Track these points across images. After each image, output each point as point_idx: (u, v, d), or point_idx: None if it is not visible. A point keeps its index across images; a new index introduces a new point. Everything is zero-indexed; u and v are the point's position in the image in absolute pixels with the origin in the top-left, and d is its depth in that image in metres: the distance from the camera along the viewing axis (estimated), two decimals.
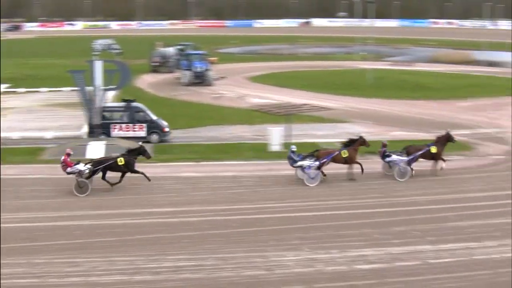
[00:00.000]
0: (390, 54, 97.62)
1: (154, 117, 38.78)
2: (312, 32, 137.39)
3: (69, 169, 27.89)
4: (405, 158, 30.62)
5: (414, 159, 30.88)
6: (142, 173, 28.78)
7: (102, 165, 28.39)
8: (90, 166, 28.07)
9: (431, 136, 35.70)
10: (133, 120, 38.13)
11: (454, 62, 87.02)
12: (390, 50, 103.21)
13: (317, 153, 30.30)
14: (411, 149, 31.13)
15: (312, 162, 29.66)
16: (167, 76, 68.44)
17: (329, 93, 57.29)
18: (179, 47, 75.47)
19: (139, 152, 29.47)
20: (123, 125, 38.02)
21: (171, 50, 75.08)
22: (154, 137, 38.10)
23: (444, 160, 31.54)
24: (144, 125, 38.12)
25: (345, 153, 30.42)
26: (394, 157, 30.64)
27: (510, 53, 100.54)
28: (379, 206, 26.65)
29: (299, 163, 29.73)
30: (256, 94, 56.98)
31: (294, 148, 30.19)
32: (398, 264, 20.68)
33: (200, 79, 62.77)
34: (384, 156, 30.87)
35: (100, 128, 37.38)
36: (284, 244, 22.21)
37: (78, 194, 27.47)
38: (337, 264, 20.60)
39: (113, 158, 29.02)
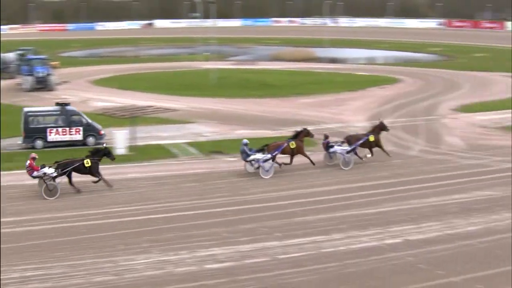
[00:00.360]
0: (233, 53, 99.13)
1: (89, 120, 38.63)
2: (155, 34, 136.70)
3: (35, 173, 28.07)
4: (347, 148, 32.97)
5: (356, 148, 33.27)
6: (103, 178, 29.13)
7: (69, 167, 28.45)
8: (56, 169, 28.18)
9: (276, 133, 36.56)
10: (69, 124, 37.98)
11: (296, 59, 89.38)
12: (233, 50, 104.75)
13: (268, 146, 31.93)
14: (352, 139, 33.50)
15: (264, 156, 31.22)
16: (8, 83, 65.73)
17: (174, 94, 57.38)
18: (19, 52, 73.09)
19: (104, 154, 29.73)
20: (60, 129, 37.81)
21: (11, 55, 72.45)
22: (91, 140, 38.05)
23: (382, 148, 34.34)
24: (81, 128, 38.07)
25: (292, 145, 32.54)
26: (336, 148, 33.01)
27: (351, 49, 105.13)
28: (227, 204, 26.94)
29: (252, 156, 31.19)
30: (100, 98, 56.09)
31: (246, 142, 31.62)
32: (248, 261, 20.93)
33: (42, 84, 60.98)
34: (327, 147, 33.13)
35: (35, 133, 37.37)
36: (133, 248, 21.96)
37: (47, 197, 27.48)
38: (187, 265, 20.58)
39: (79, 160, 28.97)
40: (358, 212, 25.72)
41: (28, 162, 28.39)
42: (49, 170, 28.19)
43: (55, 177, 28.11)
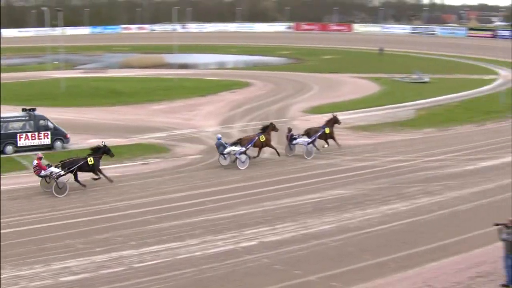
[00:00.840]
0: (83, 62, 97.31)
1: (56, 125, 39.65)
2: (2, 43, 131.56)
3: (43, 172, 29.69)
4: (308, 140, 36.71)
5: (315, 140, 37.09)
6: (104, 175, 31.02)
7: (75, 166, 30.15)
8: (63, 168, 29.85)
9: (128, 141, 36.13)
10: (38, 129, 38.78)
11: (146, 66, 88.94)
12: (83, 58, 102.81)
13: (241, 140, 35.15)
14: (311, 132, 37.42)
15: (240, 148, 34.25)
16: None
17: (22, 105, 55.16)
18: None
19: (104, 151, 31.65)
20: (29, 134, 38.51)
21: None
22: (58, 143, 39.20)
23: (334, 139, 38.22)
24: (48, 132, 38.99)
25: (262, 138, 35.86)
26: (299, 139, 36.75)
27: (201, 55, 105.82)
28: (81, 215, 26.43)
29: (229, 149, 34.17)
30: None
31: (220, 136, 34.72)
32: (104, 271, 20.61)
33: None
34: (291, 139, 36.79)
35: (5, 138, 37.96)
36: None
37: (58, 195, 28.92)
38: (42, 279, 20.04)
39: (83, 158, 30.85)
40: (212, 217, 25.89)
41: (36, 162, 30.02)
42: (56, 169, 29.80)
43: (62, 175, 29.70)
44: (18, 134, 38.31)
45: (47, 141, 38.87)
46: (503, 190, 29.64)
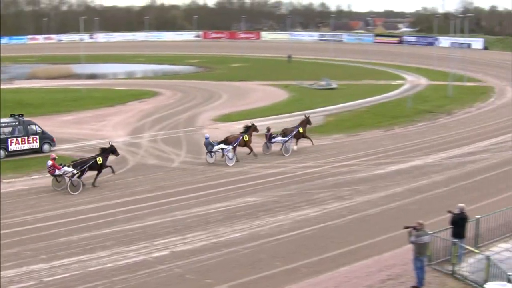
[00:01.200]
0: None
1: (43, 129, 41.07)
2: None
3: (57, 171, 31.71)
4: (285, 138, 40.05)
5: (291, 138, 40.41)
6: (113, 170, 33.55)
7: (86, 165, 32.39)
8: (75, 167, 31.98)
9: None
10: (27, 133, 39.96)
11: (53, 77, 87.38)
12: None
13: (227, 139, 38.18)
14: (287, 131, 40.82)
15: (227, 146, 37.38)
16: None
17: None
18: None
19: (111, 151, 33.89)
20: (19, 138, 39.72)
21: None
22: (46, 147, 40.57)
23: (310, 138, 41.64)
24: (37, 136, 40.31)
25: (246, 138, 38.95)
26: (278, 138, 40.27)
27: (110, 64, 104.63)
28: None
29: (217, 147, 37.34)
30: None
31: (208, 136, 38.16)
32: (13, 287, 20.20)
33: None
34: (270, 138, 40.20)
35: None
36: None
37: (72, 193, 30.92)
38: None
39: (93, 157, 33.08)
40: (122, 228, 25.69)
41: (50, 162, 31.85)
42: (69, 169, 31.88)
43: (75, 174, 31.70)
44: (9, 139, 39.35)
45: (36, 145, 40.22)
46: (411, 193, 30.53)
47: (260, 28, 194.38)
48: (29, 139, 39.95)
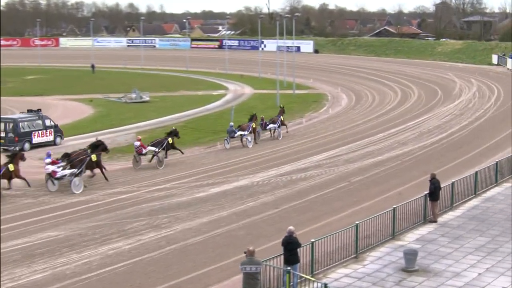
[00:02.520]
0: None
1: (56, 123, 51.01)
2: None
3: (144, 150, 42.50)
4: (275, 125, 53.07)
5: (280, 125, 53.68)
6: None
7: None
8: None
9: None
10: (45, 127, 49.80)
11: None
12: None
13: (241, 126, 50.40)
14: (275, 120, 53.51)
15: (244, 133, 49.84)
16: None
17: None
18: None
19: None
20: (40, 132, 49.41)
21: None
22: (58, 139, 50.52)
23: (286, 125, 55.02)
24: (52, 130, 50.18)
25: (254, 125, 51.00)
26: (271, 125, 53.19)
27: None
28: None
29: (239, 133, 49.67)
30: None
31: (232, 124, 49.97)
32: None
33: None
34: (265, 126, 53.07)
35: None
36: None
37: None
38: None
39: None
40: None
41: (138, 143, 42.74)
42: (153, 148, 42.88)
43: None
44: (32, 133, 48.78)
45: (51, 138, 49.98)
46: (238, 217, 31.04)
47: (59, 34, 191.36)
48: (47, 132, 49.66)
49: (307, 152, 46.14)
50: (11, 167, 36.58)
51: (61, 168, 36.96)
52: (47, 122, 49.97)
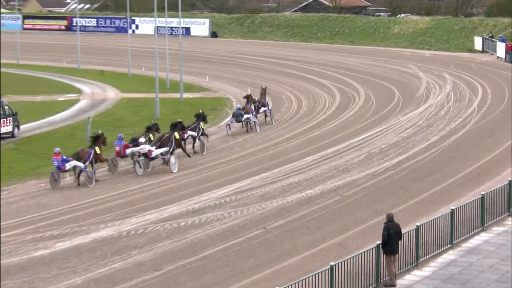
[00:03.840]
0: None
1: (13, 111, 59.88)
2: None
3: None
4: (268, 108, 71.20)
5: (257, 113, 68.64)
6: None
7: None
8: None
9: None
10: (5, 115, 57.24)
11: None
12: None
13: (245, 108, 65.41)
14: (264, 103, 69.82)
15: (250, 115, 64.52)
16: None
17: None
18: None
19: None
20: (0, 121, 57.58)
21: None
22: (16, 131, 58.43)
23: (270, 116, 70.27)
24: (11, 119, 57.87)
25: (253, 107, 67.33)
26: (263, 108, 69.33)
27: None
28: None
29: (246, 116, 63.85)
30: None
31: (239, 106, 66.74)
32: None
33: None
34: (258, 109, 66.97)
35: None
36: None
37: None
38: None
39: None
40: None
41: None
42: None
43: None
44: None
45: (10, 127, 57.36)
46: None
47: None
48: (5, 121, 57.15)
49: (203, 186, 46.22)
50: (97, 149, 49.22)
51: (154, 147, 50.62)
52: (6, 110, 58.13)
